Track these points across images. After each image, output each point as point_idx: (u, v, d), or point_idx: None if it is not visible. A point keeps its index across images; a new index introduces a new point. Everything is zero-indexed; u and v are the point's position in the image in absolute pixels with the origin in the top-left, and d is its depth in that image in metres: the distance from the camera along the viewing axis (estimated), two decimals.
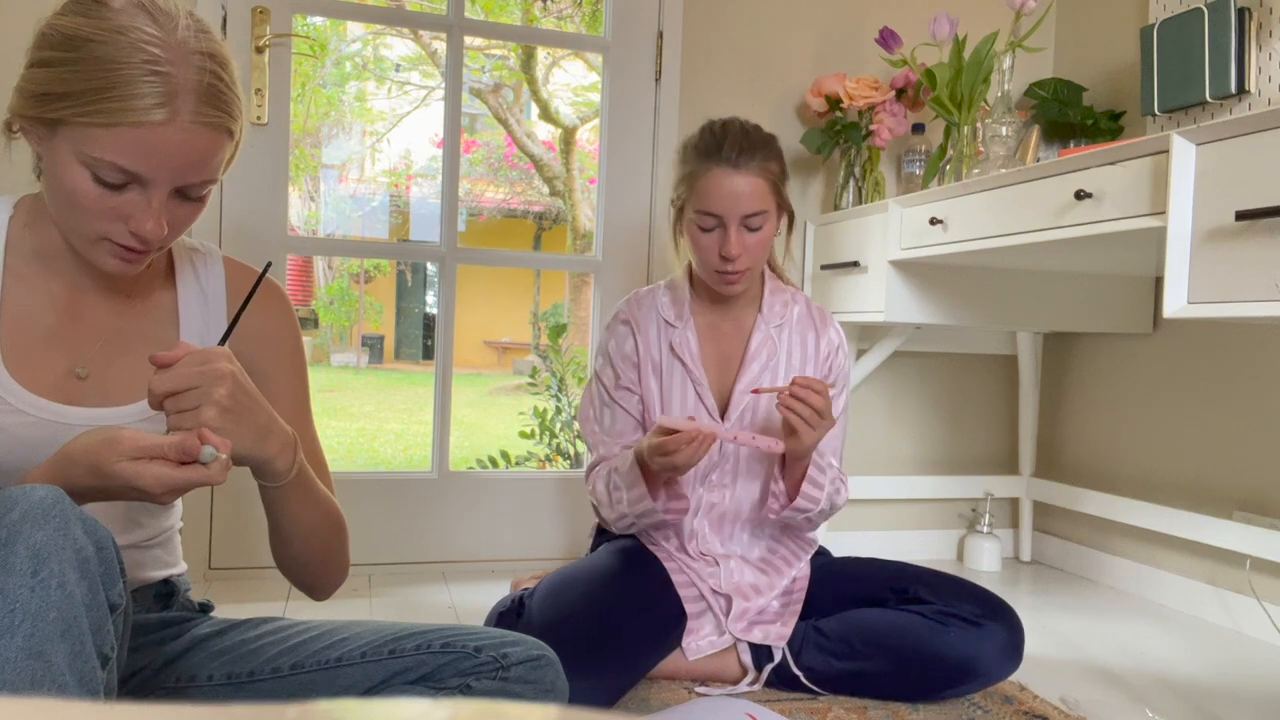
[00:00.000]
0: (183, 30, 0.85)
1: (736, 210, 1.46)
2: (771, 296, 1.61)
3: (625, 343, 1.59)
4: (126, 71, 0.82)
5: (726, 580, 1.53)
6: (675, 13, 2.29)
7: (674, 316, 1.59)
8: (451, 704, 0.23)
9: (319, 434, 1.12)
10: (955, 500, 2.57)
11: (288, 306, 1.09)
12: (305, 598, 1.12)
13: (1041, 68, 2.53)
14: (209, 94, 0.86)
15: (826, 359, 1.60)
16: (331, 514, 1.00)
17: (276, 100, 2.07)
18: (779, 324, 1.60)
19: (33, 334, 0.94)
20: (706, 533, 1.57)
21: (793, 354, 1.59)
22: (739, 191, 1.46)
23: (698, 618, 1.51)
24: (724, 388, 1.58)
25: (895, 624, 1.45)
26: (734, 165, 1.46)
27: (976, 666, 1.42)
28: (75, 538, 0.72)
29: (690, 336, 1.58)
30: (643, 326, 1.60)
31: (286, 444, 0.90)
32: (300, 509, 0.95)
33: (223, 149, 0.90)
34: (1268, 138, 1.23)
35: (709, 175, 1.47)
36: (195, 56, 0.85)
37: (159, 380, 0.81)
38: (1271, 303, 1.21)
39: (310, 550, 1.00)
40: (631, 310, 1.62)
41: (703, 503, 1.57)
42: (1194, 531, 2.05)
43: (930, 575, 1.53)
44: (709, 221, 1.49)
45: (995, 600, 1.48)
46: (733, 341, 1.60)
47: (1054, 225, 1.58)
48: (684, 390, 1.57)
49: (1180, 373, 2.17)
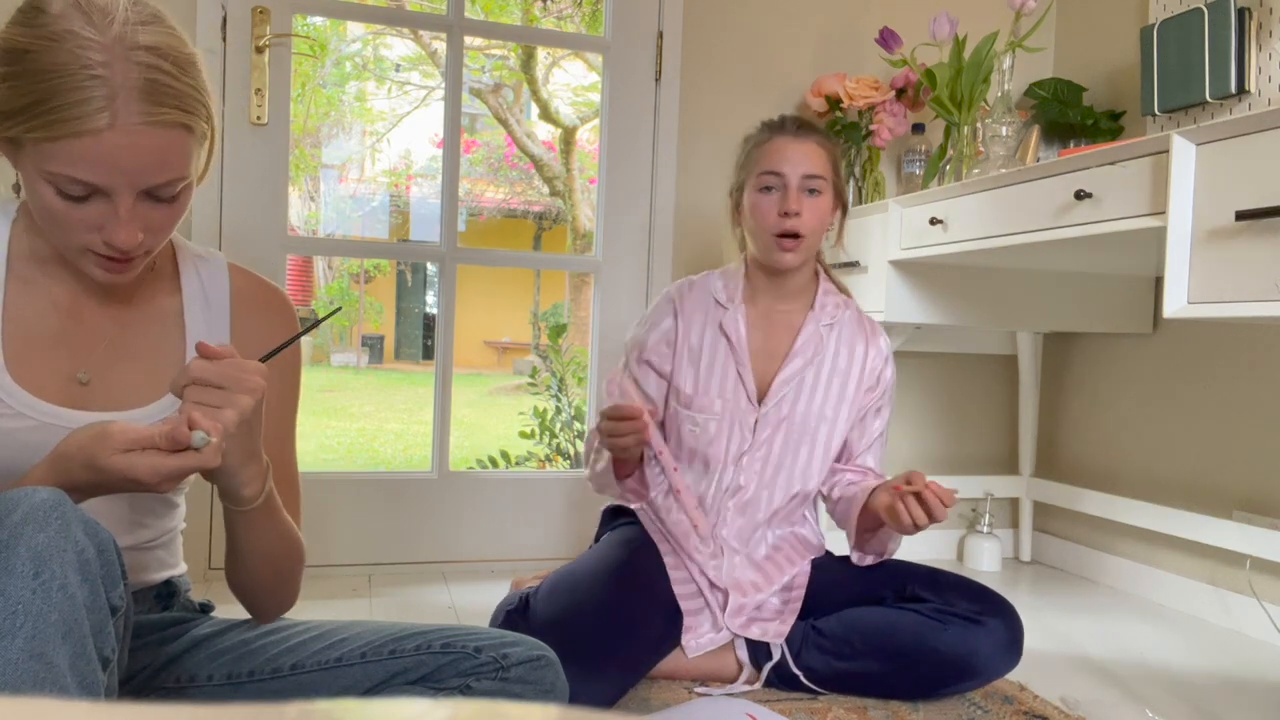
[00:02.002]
0: (119, 25, 0.80)
1: (798, 168, 1.53)
2: (825, 296, 1.62)
3: (664, 320, 1.60)
4: (63, 80, 0.78)
5: (727, 574, 1.54)
6: (675, 13, 2.29)
7: (725, 299, 1.60)
8: (452, 704, 0.23)
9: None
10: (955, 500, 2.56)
11: (295, 324, 1.08)
12: (304, 598, 1.13)
13: (1041, 68, 2.53)
14: (151, 91, 0.81)
15: (875, 371, 1.61)
16: (290, 541, 0.99)
17: (276, 100, 2.07)
18: (829, 323, 1.60)
19: (35, 338, 0.94)
20: (730, 515, 1.57)
21: (839, 356, 1.59)
22: (802, 151, 1.54)
23: (695, 615, 1.51)
24: (766, 377, 1.58)
25: (894, 622, 1.45)
26: (795, 135, 1.56)
27: (975, 663, 1.42)
28: (77, 539, 0.72)
29: (740, 320, 1.58)
30: (687, 311, 1.60)
31: (260, 473, 0.90)
32: (260, 535, 0.95)
33: (183, 146, 0.85)
34: (1268, 138, 1.23)
35: (771, 142, 1.56)
36: (135, 52, 0.80)
37: (198, 365, 0.81)
38: (1271, 303, 1.21)
39: (262, 576, 0.99)
40: (681, 292, 1.62)
41: (730, 484, 1.56)
42: (1194, 531, 2.05)
43: (929, 573, 1.53)
44: (770, 180, 1.54)
45: (994, 597, 1.48)
46: (781, 334, 1.60)
47: (1054, 225, 1.58)
48: (725, 371, 1.57)
49: (1180, 373, 2.17)
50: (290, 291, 9.44)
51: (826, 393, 1.57)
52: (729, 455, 1.55)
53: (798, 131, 1.56)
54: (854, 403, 1.59)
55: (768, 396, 1.56)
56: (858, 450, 1.61)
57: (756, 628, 1.50)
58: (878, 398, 1.61)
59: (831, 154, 1.58)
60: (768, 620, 1.51)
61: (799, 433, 1.56)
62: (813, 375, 1.57)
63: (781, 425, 1.55)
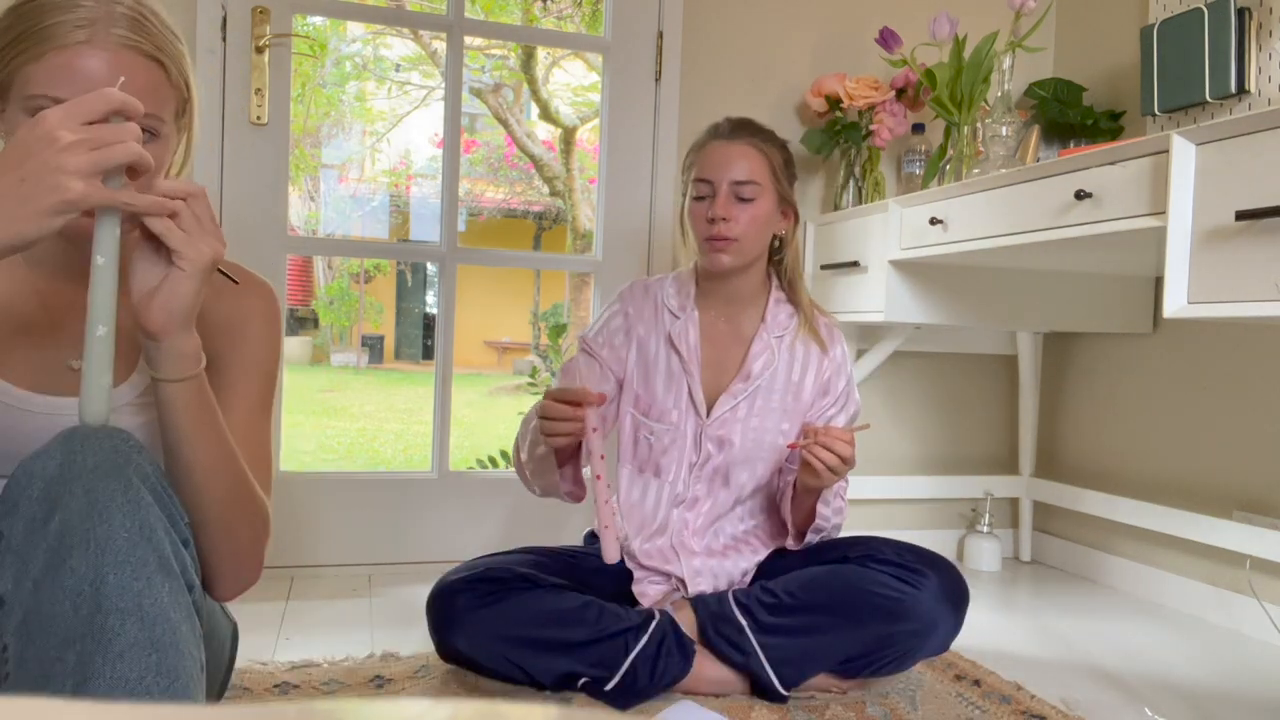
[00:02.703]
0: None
1: (726, 174, 1.52)
2: (776, 306, 1.62)
3: (614, 319, 1.63)
4: (51, 13, 0.85)
5: (687, 568, 1.56)
6: (675, 13, 2.29)
7: (677, 307, 1.61)
8: (452, 704, 0.23)
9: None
10: (955, 500, 2.57)
11: (268, 306, 1.05)
12: (304, 597, 1.12)
13: (1041, 68, 2.53)
14: (131, 22, 0.87)
15: (825, 381, 1.61)
16: (234, 470, 0.92)
17: (276, 100, 2.07)
18: (780, 334, 1.61)
19: (16, 326, 0.94)
20: (688, 520, 1.59)
21: (793, 370, 1.60)
22: (730, 155, 1.53)
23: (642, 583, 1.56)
24: (716, 388, 1.59)
25: (831, 570, 1.47)
26: (728, 137, 1.55)
27: (912, 607, 1.40)
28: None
29: (691, 330, 1.59)
30: (637, 311, 1.62)
31: (191, 347, 0.86)
32: (198, 440, 0.88)
33: (160, 85, 0.89)
34: (1268, 138, 1.23)
35: (705, 148, 1.57)
36: (121, 5, 0.87)
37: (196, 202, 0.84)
38: (1271, 303, 1.21)
39: (206, 510, 0.90)
40: (634, 293, 1.65)
41: (683, 493, 1.59)
42: (1194, 531, 2.05)
43: (873, 539, 1.55)
44: (702, 189, 1.55)
45: (930, 554, 1.48)
46: (731, 345, 1.61)
47: (1054, 225, 1.58)
48: (671, 381, 1.59)
49: (1180, 373, 2.17)
50: (290, 291, 9.43)
51: (774, 409, 1.58)
52: (681, 465, 1.58)
53: (731, 135, 1.54)
54: (804, 415, 1.60)
55: (713, 411, 1.57)
56: None
57: (705, 580, 1.56)
58: (828, 405, 1.61)
59: (770, 157, 1.55)
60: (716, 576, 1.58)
61: (744, 448, 1.57)
62: (763, 396, 1.58)
63: (724, 445, 1.57)
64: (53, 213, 0.74)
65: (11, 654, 0.74)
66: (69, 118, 0.74)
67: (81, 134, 0.74)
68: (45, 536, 0.75)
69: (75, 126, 0.74)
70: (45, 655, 0.72)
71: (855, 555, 1.49)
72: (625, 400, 1.61)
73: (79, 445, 0.78)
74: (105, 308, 0.79)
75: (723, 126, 1.57)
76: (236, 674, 1.42)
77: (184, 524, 0.84)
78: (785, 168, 1.57)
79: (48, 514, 0.75)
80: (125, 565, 0.74)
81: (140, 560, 0.75)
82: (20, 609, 0.74)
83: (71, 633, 0.72)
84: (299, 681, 1.44)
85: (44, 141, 0.73)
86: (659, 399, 1.58)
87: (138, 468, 0.79)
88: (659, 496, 1.60)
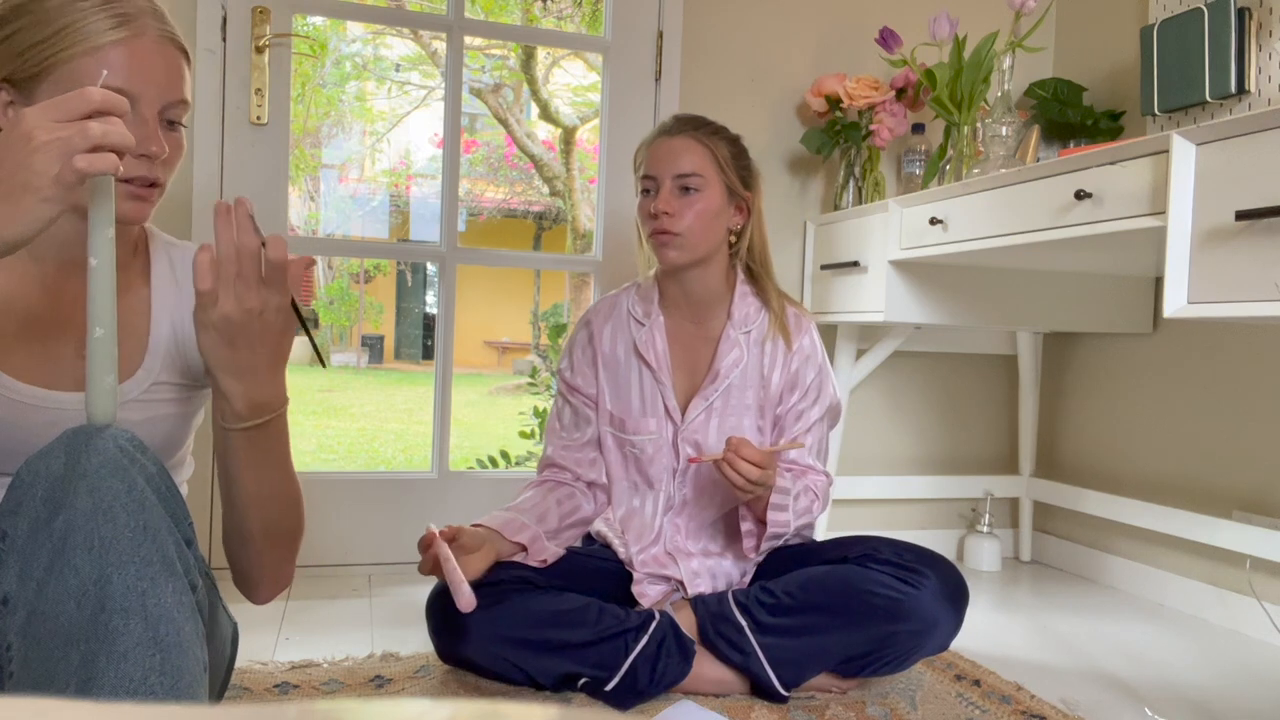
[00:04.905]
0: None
1: (669, 168, 1.53)
2: (742, 301, 1.62)
3: (577, 348, 1.65)
4: (84, 8, 0.88)
5: (686, 568, 1.56)
6: (675, 13, 2.29)
7: (642, 314, 1.62)
8: (452, 704, 0.23)
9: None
10: (955, 500, 2.57)
11: None
12: (305, 597, 1.12)
13: (1041, 68, 2.53)
14: (159, 15, 0.93)
15: (795, 370, 1.60)
16: (287, 497, 0.97)
17: (276, 100, 2.07)
18: (749, 329, 1.60)
19: (19, 321, 0.95)
20: (681, 525, 1.60)
21: (763, 361, 1.60)
22: (673, 150, 1.54)
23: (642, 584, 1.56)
24: (689, 391, 1.60)
25: (829, 571, 1.46)
26: (670, 133, 1.57)
27: (911, 607, 1.39)
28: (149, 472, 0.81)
29: (657, 336, 1.60)
30: (599, 328, 1.64)
31: (259, 394, 0.89)
32: (254, 472, 0.92)
33: (185, 76, 0.95)
34: (1268, 138, 1.23)
35: (650, 145, 1.58)
36: (145, 4, 0.93)
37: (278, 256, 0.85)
38: (1271, 303, 1.21)
39: (265, 520, 0.96)
40: (599, 310, 1.67)
41: (674, 499, 1.60)
42: (1194, 531, 2.05)
43: (873, 539, 1.54)
44: (648, 184, 1.57)
45: (930, 554, 1.48)
46: (700, 346, 1.62)
47: (1054, 225, 1.58)
48: (643, 389, 1.60)
49: (1180, 373, 2.17)
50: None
51: (749, 406, 1.59)
52: (668, 472, 1.59)
53: (673, 129, 1.56)
54: (774, 410, 1.60)
55: (687, 415, 1.58)
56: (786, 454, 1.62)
57: (704, 581, 1.55)
58: (798, 400, 1.60)
59: (714, 149, 1.55)
60: (715, 576, 1.57)
61: (718, 449, 1.56)
62: (736, 393, 1.58)
63: (699, 449, 1.58)
64: (29, 217, 0.73)
65: (15, 653, 0.74)
66: (45, 117, 0.74)
67: (56, 133, 0.73)
68: (49, 536, 0.75)
69: (50, 126, 0.73)
70: (49, 655, 0.72)
71: (855, 555, 1.48)
72: (601, 420, 1.63)
73: (83, 445, 0.78)
74: (103, 309, 0.79)
75: (668, 123, 1.58)
76: (237, 674, 1.42)
77: (188, 524, 0.84)
78: (734, 160, 1.57)
79: (52, 514, 0.75)
80: (129, 565, 0.75)
81: (144, 560, 0.75)
82: (24, 608, 0.74)
83: (75, 632, 0.72)
84: (299, 681, 1.44)
85: (20, 141, 0.73)
86: (634, 411, 1.60)
87: (142, 468, 0.79)
88: (655, 506, 1.60)
